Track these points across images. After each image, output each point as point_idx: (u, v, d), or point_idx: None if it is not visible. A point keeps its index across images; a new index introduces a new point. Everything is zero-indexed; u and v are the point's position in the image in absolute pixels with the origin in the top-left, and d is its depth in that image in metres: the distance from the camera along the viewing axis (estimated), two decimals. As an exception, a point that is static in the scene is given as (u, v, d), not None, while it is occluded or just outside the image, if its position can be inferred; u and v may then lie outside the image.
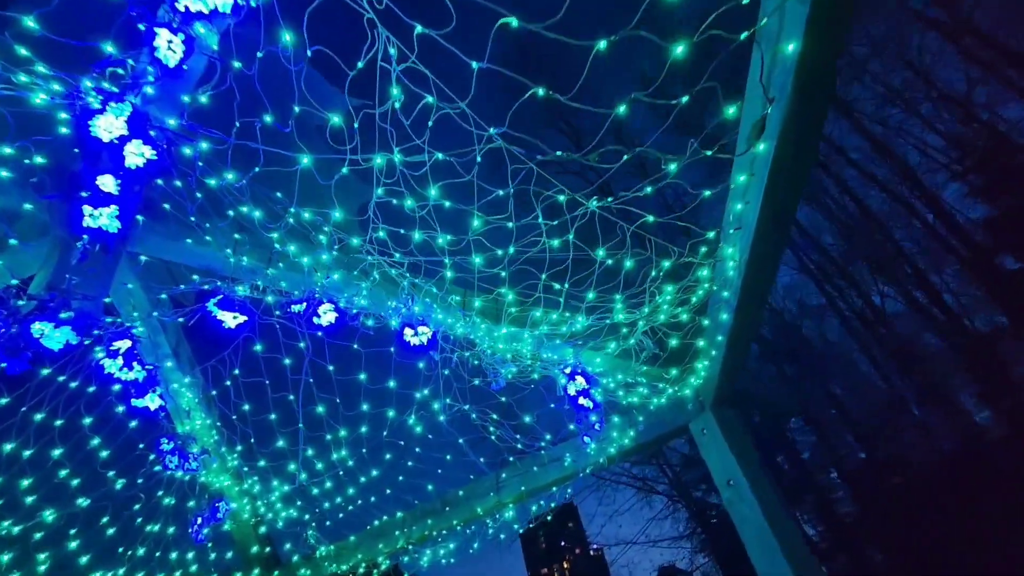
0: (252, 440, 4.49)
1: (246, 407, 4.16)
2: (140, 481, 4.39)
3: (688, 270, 3.26)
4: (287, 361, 3.85)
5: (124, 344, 3.54)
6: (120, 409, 3.91)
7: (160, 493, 4.56)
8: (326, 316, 3.52)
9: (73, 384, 3.58)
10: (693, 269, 3.23)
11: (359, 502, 4.81)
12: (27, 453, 3.52)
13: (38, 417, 3.49)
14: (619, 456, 4.61)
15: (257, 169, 2.72)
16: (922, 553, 14.92)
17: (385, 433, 4.19)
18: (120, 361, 3.53)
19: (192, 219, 3.35)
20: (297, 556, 5.47)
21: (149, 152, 2.53)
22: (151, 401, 3.83)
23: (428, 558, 5.15)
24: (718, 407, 4.33)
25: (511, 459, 4.92)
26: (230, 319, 3.33)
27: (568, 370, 4.05)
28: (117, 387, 3.82)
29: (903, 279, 20.65)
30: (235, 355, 4.03)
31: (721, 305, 3.32)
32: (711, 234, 2.95)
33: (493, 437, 4.20)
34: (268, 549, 5.44)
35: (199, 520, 4.73)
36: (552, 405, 4.26)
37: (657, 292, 3.41)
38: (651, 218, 2.89)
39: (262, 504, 5.03)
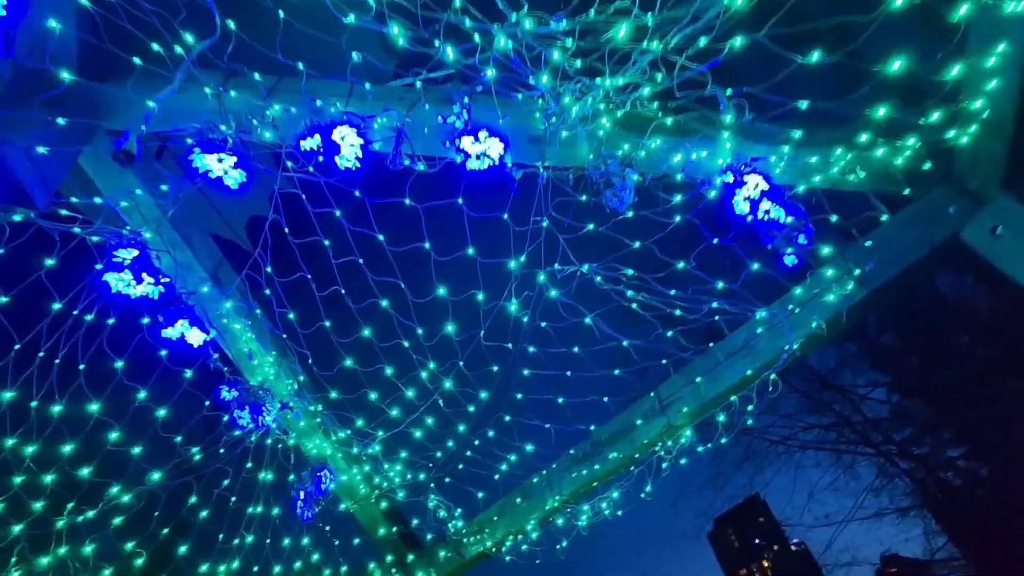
0: (329, 388, 3.57)
1: (302, 332, 3.23)
2: (222, 451, 3.66)
3: None
4: (326, 243, 2.83)
5: (130, 253, 2.77)
6: (163, 354, 3.19)
7: (249, 465, 3.80)
8: (348, 144, 2.44)
9: (88, 317, 2.89)
10: None
11: (473, 454, 3.66)
12: (57, 409, 2.86)
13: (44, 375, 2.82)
14: (840, 314, 2.92)
15: None
16: None
17: (481, 333, 2.99)
18: (128, 275, 2.76)
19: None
20: (430, 535, 4.44)
21: None
22: (186, 332, 3.05)
23: (587, 517, 3.83)
24: (1017, 181, 2.51)
25: (664, 362, 3.44)
26: (215, 164, 2.39)
27: (730, 175, 2.53)
28: (146, 319, 3.11)
29: None
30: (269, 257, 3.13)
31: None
32: None
33: (634, 305, 2.79)
34: (396, 529, 4.49)
35: (301, 495, 3.90)
36: (715, 241, 2.75)
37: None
38: None
39: (369, 468, 4.09)
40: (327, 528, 4.26)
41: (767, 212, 2.46)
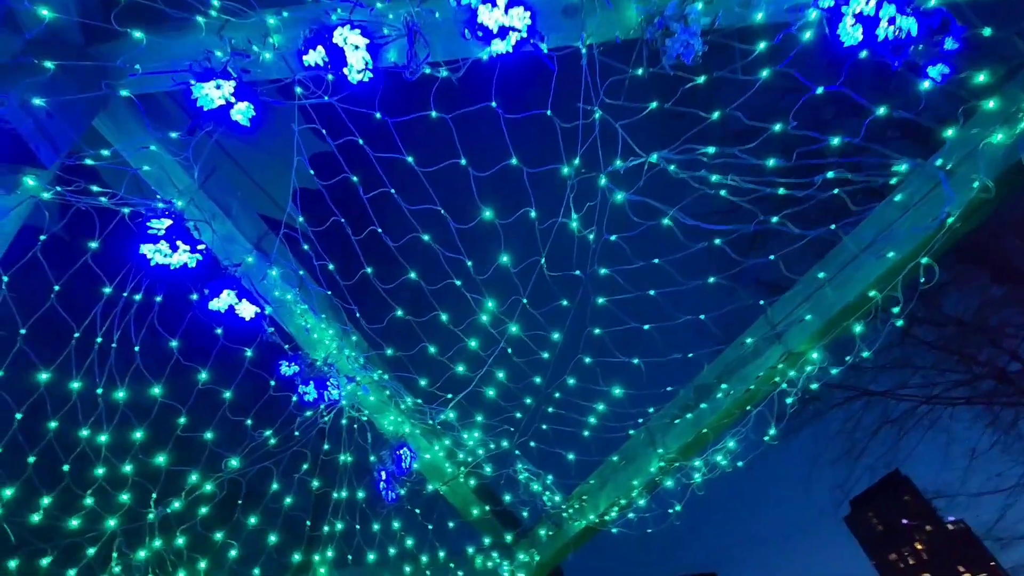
0: (388, 350, 3.29)
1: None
2: (296, 434, 3.50)
3: None
4: (354, 179, 2.54)
5: (164, 223, 2.64)
6: (219, 332, 3.06)
7: (327, 447, 3.62)
8: (352, 48, 2.12)
9: (136, 297, 2.80)
10: None
11: (556, 409, 3.22)
12: (120, 395, 2.79)
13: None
14: (1015, 167, 2.17)
15: None
16: None
17: (542, 260, 2.56)
18: (164, 246, 2.63)
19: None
20: (526, 511, 4.06)
21: None
22: (235, 304, 2.89)
23: (701, 473, 3.26)
24: None
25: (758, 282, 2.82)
26: (214, 92, 2.16)
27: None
28: (195, 296, 2.98)
29: None
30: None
31: None
32: None
33: (723, 192, 2.22)
34: (489, 507, 4.15)
35: (383, 475, 3.66)
36: (819, 90, 2.13)
37: None
38: None
39: (449, 442, 3.78)
40: (417, 511, 4.00)
41: (891, 23, 1.84)
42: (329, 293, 3.03)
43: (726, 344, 3.19)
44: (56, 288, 2.73)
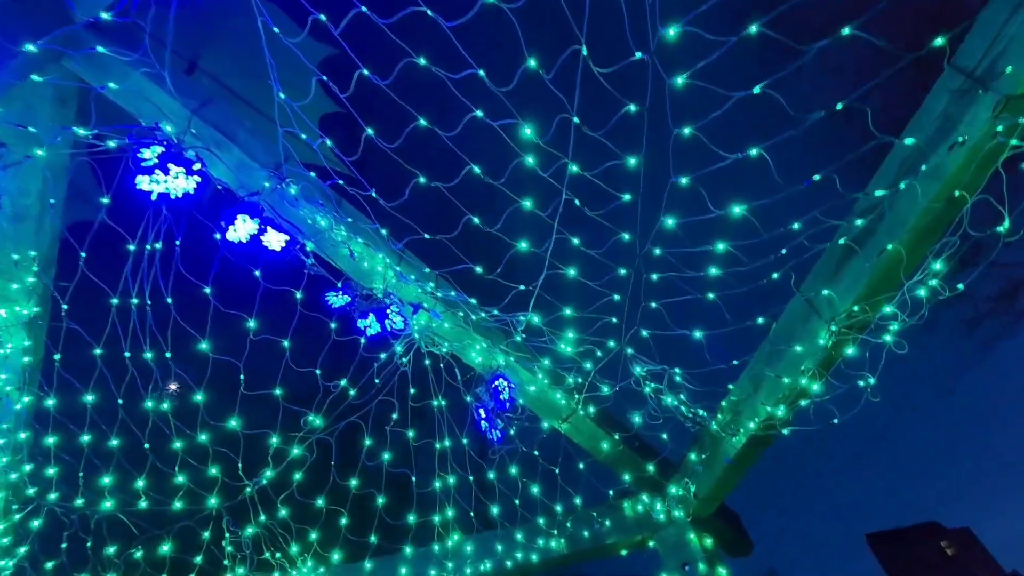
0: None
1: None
2: (376, 381, 3.08)
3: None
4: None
5: (155, 151, 2.33)
6: (257, 274, 2.71)
7: (413, 391, 3.16)
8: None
9: (157, 245, 2.52)
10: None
11: (658, 303, 2.38)
12: (168, 355, 2.54)
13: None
14: None
15: None
16: None
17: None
18: (160, 175, 2.32)
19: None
20: (665, 434, 3.27)
21: None
22: (262, 236, 2.51)
23: (899, 320, 2.22)
24: None
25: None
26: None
27: None
28: (217, 236, 2.65)
29: None
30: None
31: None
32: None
33: None
34: (619, 436, 3.43)
35: (482, 413, 3.13)
36: None
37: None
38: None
39: (549, 362, 3.11)
40: (536, 453, 3.41)
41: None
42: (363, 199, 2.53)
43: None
44: (83, 255, 2.56)
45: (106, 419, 2.69)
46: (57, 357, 2.67)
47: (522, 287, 2.47)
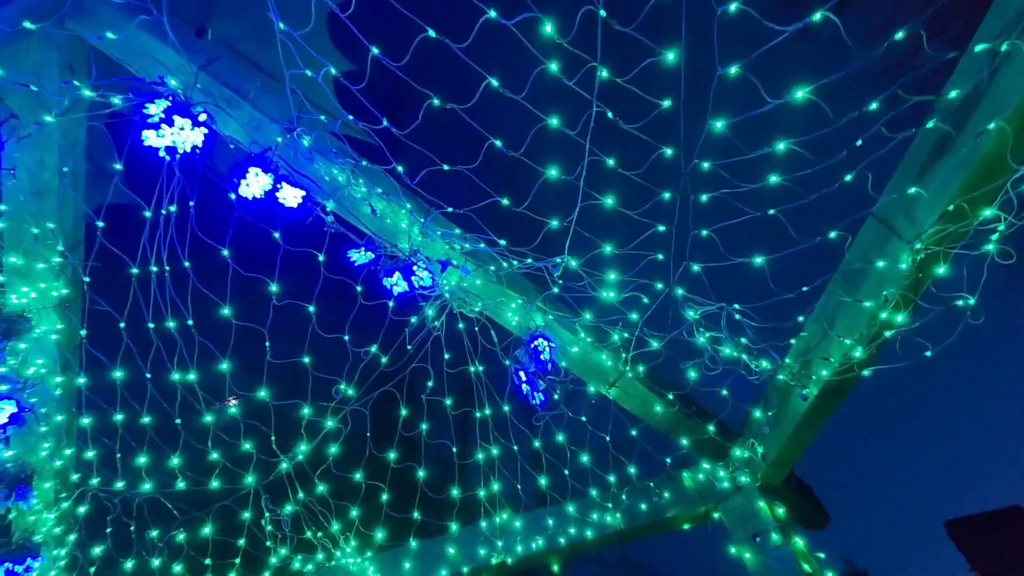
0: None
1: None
2: (409, 348, 2.90)
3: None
4: None
5: (160, 105, 2.23)
6: (276, 236, 2.57)
7: (448, 356, 2.97)
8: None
9: (172, 208, 2.42)
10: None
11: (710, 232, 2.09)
12: (190, 322, 2.43)
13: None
14: None
15: None
16: None
17: None
18: (166, 129, 2.22)
19: None
20: (725, 390, 2.96)
21: None
22: (277, 191, 2.37)
23: (1005, 220, 1.87)
24: None
25: None
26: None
27: None
28: (232, 196, 2.52)
29: None
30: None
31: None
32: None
33: None
34: (672, 396, 3.14)
35: (523, 376, 2.91)
36: None
37: None
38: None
39: (591, 316, 2.86)
40: (583, 418, 3.17)
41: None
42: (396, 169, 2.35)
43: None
44: (100, 225, 2.49)
45: (137, 396, 2.61)
46: (83, 333, 2.61)
47: (554, 223, 2.23)
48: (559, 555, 3.55)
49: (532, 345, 2.93)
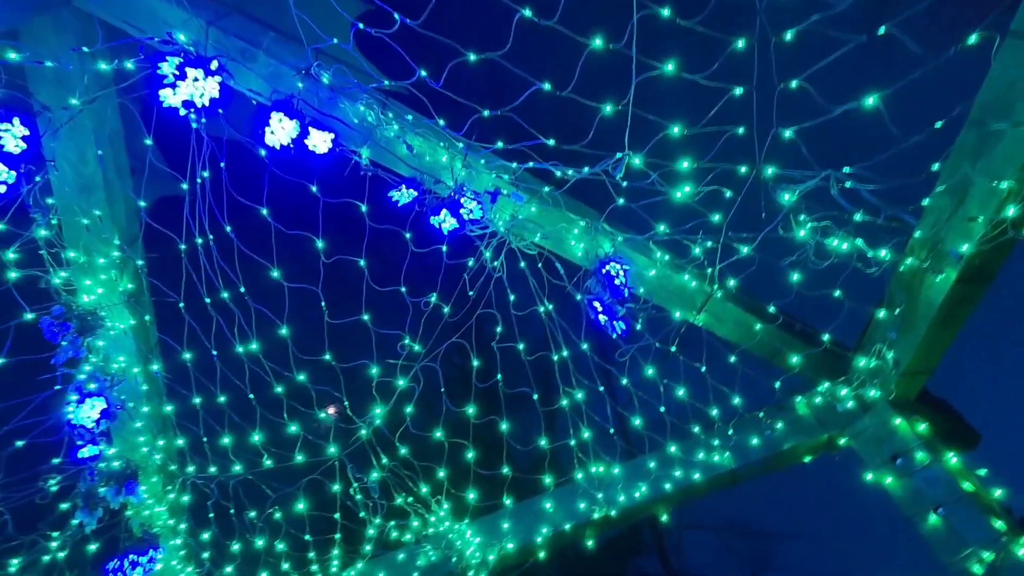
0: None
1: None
2: (471, 293, 2.69)
3: None
4: None
5: (174, 63, 2.13)
6: (314, 190, 2.42)
7: (512, 298, 2.73)
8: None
9: (204, 174, 2.31)
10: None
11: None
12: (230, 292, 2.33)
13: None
14: None
15: None
16: None
17: None
18: (183, 85, 2.12)
19: None
20: (837, 291, 2.52)
21: None
22: (306, 138, 2.20)
23: None
24: None
25: None
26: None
27: None
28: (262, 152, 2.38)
29: None
30: None
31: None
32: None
33: None
34: (774, 309, 2.73)
35: (598, 306, 2.63)
36: None
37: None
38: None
39: (664, 227, 2.51)
40: (672, 349, 2.84)
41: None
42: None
43: None
44: (142, 205, 2.45)
45: (209, 376, 2.58)
46: (147, 319, 2.61)
47: (607, 108, 1.91)
48: (667, 503, 3.26)
49: (604, 271, 2.64)
